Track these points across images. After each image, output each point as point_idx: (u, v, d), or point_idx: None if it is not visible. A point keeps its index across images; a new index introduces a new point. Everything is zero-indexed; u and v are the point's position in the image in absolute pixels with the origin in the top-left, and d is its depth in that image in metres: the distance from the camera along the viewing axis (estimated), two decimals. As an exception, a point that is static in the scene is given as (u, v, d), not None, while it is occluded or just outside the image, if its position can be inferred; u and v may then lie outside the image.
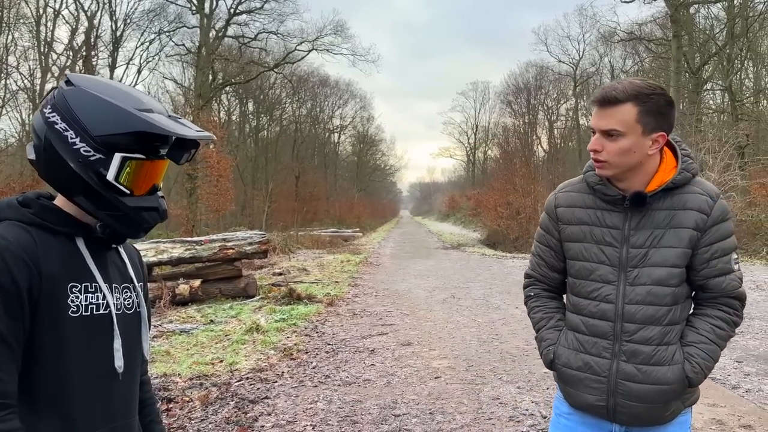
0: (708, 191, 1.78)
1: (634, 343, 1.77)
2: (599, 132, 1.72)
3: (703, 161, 19.02)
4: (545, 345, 1.93)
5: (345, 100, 55.05)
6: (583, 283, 1.84)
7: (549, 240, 1.94)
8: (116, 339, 1.31)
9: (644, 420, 1.81)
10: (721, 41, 26.11)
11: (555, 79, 45.76)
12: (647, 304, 1.75)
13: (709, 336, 1.78)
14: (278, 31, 33.69)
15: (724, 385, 5.17)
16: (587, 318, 1.83)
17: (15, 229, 1.22)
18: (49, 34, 28.25)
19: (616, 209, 1.80)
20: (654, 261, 1.75)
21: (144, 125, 1.24)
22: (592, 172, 1.83)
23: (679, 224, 1.75)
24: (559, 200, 1.91)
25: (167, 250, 9.76)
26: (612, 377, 1.79)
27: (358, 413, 4.62)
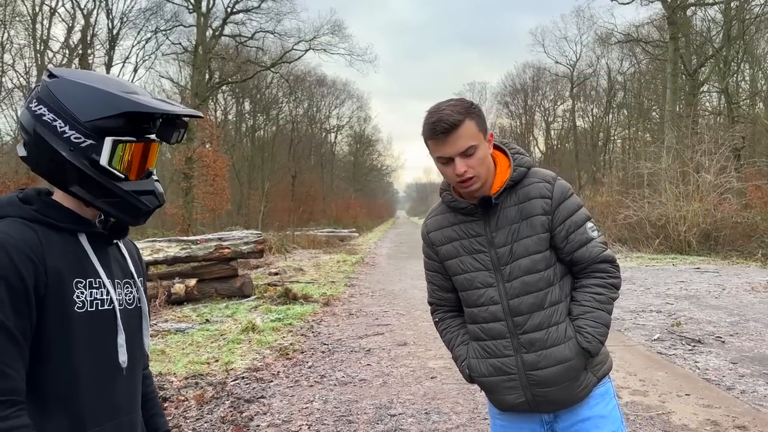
0: (544, 177, 1.90)
1: (527, 333, 1.86)
2: (458, 156, 1.78)
3: (699, 163, 19.08)
4: (459, 361, 2.01)
5: (342, 100, 55.01)
6: (469, 293, 1.93)
7: (433, 265, 2.04)
8: (120, 334, 1.31)
9: (564, 402, 1.88)
10: (717, 43, 26.19)
11: (552, 80, 45.83)
12: (525, 294, 1.85)
13: (591, 304, 1.88)
14: (275, 30, 33.63)
15: (719, 386, 5.18)
16: (483, 324, 1.92)
17: (18, 226, 1.22)
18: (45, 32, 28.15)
19: (474, 218, 1.91)
20: (519, 254, 1.86)
21: (131, 105, 1.24)
22: (446, 192, 1.97)
23: (528, 214, 1.86)
24: (428, 226, 2.03)
25: (163, 249, 9.74)
26: (521, 371, 1.87)
27: (353, 413, 4.61)
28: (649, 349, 6.44)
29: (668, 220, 18.36)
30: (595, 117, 42.83)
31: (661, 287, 10.86)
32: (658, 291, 10.46)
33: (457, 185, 1.86)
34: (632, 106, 37.73)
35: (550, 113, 47.71)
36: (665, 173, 20.01)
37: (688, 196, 18.65)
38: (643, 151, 24.31)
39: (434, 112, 1.81)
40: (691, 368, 5.73)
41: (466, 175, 1.80)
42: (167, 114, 1.29)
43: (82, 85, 1.26)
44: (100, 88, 1.25)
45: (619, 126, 40.86)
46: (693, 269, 13.80)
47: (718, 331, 7.26)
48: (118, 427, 1.31)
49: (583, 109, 43.69)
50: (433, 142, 1.81)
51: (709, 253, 17.07)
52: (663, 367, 5.71)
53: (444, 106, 1.81)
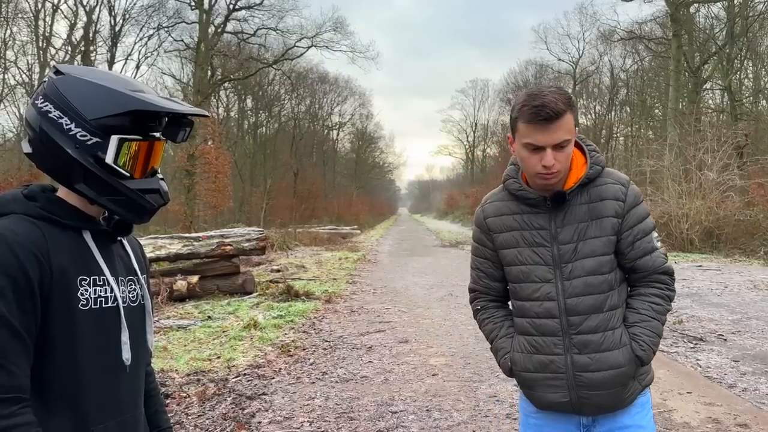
0: (619, 180, 1.88)
1: (582, 334, 1.83)
2: (552, 147, 1.73)
3: (702, 161, 19.04)
4: (501, 354, 1.97)
5: (344, 97, 54.97)
6: (523, 286, 1.89)
7: (484, 252, 1.99)
8: (124, 332, 1.31)
9: (607, 407, 1.86)
10: (720, 41, 26.12)
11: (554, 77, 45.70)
12: (586, 294, 1.82)
13: (649, 313, 1.87)
14: (277, 27, 33.62)
15: (720, 384, 5.18)
16: (534, 319, 1.88)
17: (23, 223, 1.21)
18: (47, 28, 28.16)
19: (540, 211, 1.87)
20: (584, 253, 1.83)
21: (138, 104, 1.24)
22: (512, 179, 1.92)
23: (599, 215, 1.84)
24: (486, 211, 1.97)
25: (165, 246, 9.75)
26: (569, 371, 1.84)
27: (355, 410, 4.62)
28: (650, 347, 6.43)
29: (671, 217, 18.33)
30: (598, 114, 42.75)
31: (663, 285, 10.84)
32: (660, 289, 10.43)
33: (536, 176, 1.80)
34: (635, 103, 37.65)
35: (553, 110, 47.58)
36: (668, 171, 19.97)
37: (690, 194, 18.62)
38: (646, 149, 24.28)
39: (537, 96, 1.73)
40: (692, 366, 5.73)
41: (553, 169, 1.75)
42: (174, 113, 1.29)
43: (88, 83, 1.26)
44: (107, 86, 1.25)
45: (622, 123, 40.78)
46: (695, 267, 13.78)
47: (720, 329, 7.26)
48: (122, 424, 1.31)
49: (586, 106, 43.60)
50: (530, 126, 1.73)
51: (712, 251, 17.04)
52: (664, 365, 5.71)
53: (547, 91, 1.74)
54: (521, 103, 1.75)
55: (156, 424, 1.52)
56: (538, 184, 1.83)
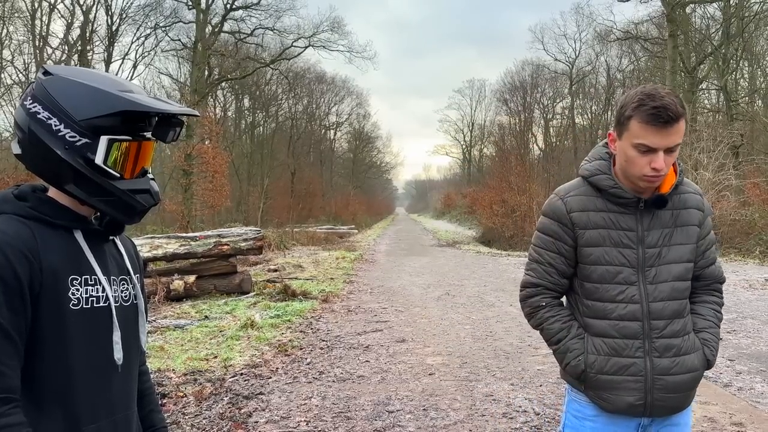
0: (697, 190, 1.94)
1: (665, 338, 1.85)
2: (665, 150, 1.72)
3: (698, 160, 19.09)
4: (573, 355, 1.91)
5: (341, 97, 54.96)
6: (606, 287, 1.86)
7: (560, 247, 1.91)
8: (116, 331, 1.31)
9: (677, 408, 1.90)
10: (716, 41, 26.18)
11: (551, 77, 45.78)
12: (672, 299, 1.85)
13: (713, 320, 1.94)
14: (274, 27, 33.55)
15: (716, 383, 5.20)
16: (616, 321, 1.85)
17: (13, 223, 1.21)
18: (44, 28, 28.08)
19: (627, 211, 1.84)
20: (670, 258, 1.84)
21: (127, 104, 1.24)
22: (604, 176, 1.86)
23: (685, 222, 1.87)
24: (570, 205, 1.89)
25: (162, 245, 9.74)
26: (648, 375, 1.84)
27: (352, 409, 4.63)
28: (646, 346, 6.46)
29: (667, 217, 18.37)
30: (594, 114, 42.82)
31: (660, 284, 10.87)
32: (656, 288, 10.46)
33: (641, 178, 1.77)
34: (631, 103, 37.65)
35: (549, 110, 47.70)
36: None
37: (686, 194, 18.64)
38: (642, 149, 24.28)
39: (656, 97, 1.70)
40: (688, 365, 5.74)
41: (662, 172, 1.74)
42: (163, 113, 1.29)
43: (77, 83, 1.26)
44: (95, 87, 1.25)
45: (619, 123, 40.79)
46: (691, 267, 13.81)
47: (715, 328, 7.28)
48: (114, 424, 1.31)
49: (582, 106, 43.70)
50: (647, 127, 1.70)
51: (708, 250, 17.07)
52: (660, 364, 5.73)
53: (664, 93, 1.72)
54: (637, 102, 1.71)
55: (150, 423, 1.52)
56: (639, 185, 1.81)
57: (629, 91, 1.83)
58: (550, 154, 40.23)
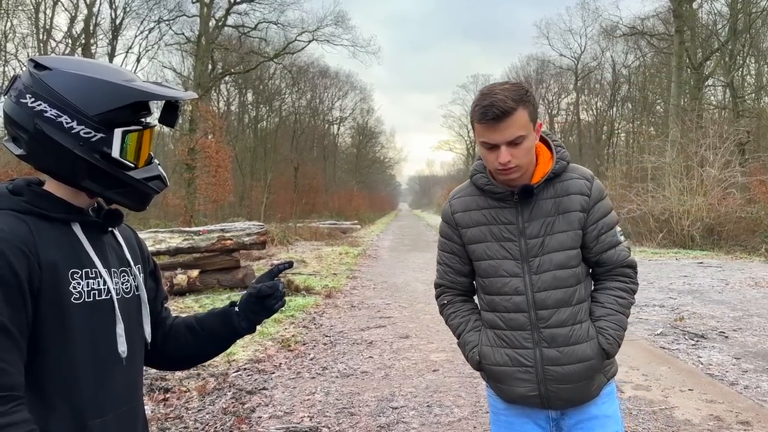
0: (584, 175, 1.91)
1: (551, 328, 1.85)
2: (505, 145, 1.74)
3: (704, 157, 18.99)
4: (469, 348, 1.98)
5: (345, 92, 54.86)
6: (492, 280, 1.91)
7: (452, 246, 2.00)
8: (119, 324, 1.30)
9: (576, 400, 1.89)
10: (723, 37, 26.03)
11: (556, 73, 45.64)
12: (554, 288, 1.85)
13: (614, 307, 1.91)
14: (278, 20, 33.49)
15: (722, 381, 5.16)
16: (503, 313, 1.89)
17: (9, 218, 1.19)
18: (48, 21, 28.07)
19: (507, 205, 1.89)
20: (551, 247, 1.85)
21: (141, 95, 1.23)
22: (479, 174, 1.92)
23: (566, 209, 1.86)
24: (454, 206, 1.97)
25: (165, 240, 9.73)
26: (538, 365, 1.86)
27: (355, 405, 4.60)
28: (651, 344, 6.42)
29: (672, 214, 18.31)
30: (599, 110, 42.67)
31: (664, 282, 10.84)
32: (661, 285, 10.43)
33: (496, 172, 1.83)
34: (637, 99, 37.56)
35: (554, 106, 47.58)
36: (669, 167, 19.94)
37: (692, 191, 18.59)
38: (647, 145, 24.21)
39: (487, 95, 1.75)
40: (694, 363, 5.71)
41: (509, 165, 1.77)
42: (174, 99, 1.28)
43: (83, 77, 1.22)
44: (103, 79, 1.22)
45: (624, 119, 40.69)
46: (696, 264, 13.76)
47: (721, 326, 7.24)
48: (120, 417, 1.30)
49: (587, 102, 43.52)
50: (481, 126, 1.76)
51: (713, 247, 17.02)
52: (666, 362, 5.70)
53: (498, 89, 1.75)
54: (474, 103, 1.77)
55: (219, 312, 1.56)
56: (500, 179, 1.86)
57: None
58: (555, 150, 40.00)
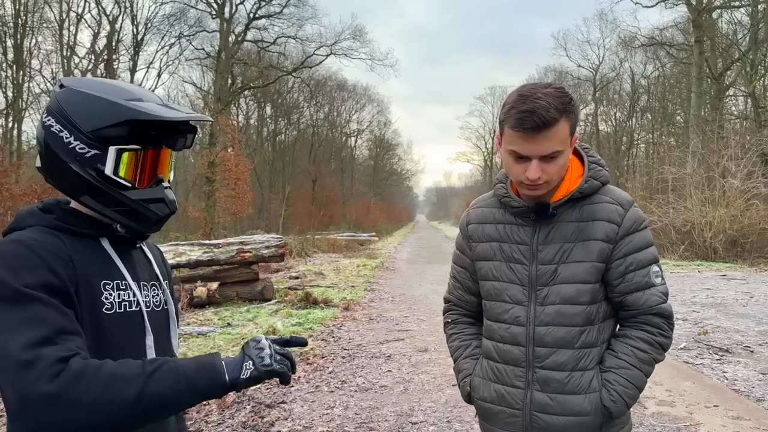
0: (619, 200, 1.64)
1: (546, 369, 1.62)
2: (538, 158, 1.52)
3: (726, 168, 18.74)
4: (462, 376, 1.78)
5: (362, 105, 55.14)
6: (494, 304, 1.70)
7: (463, 260, 1.80)
8: (148, 335, 1.31)
9: None
10: (744, 46, 25.73)
11: (574, 84, 45.37)
12: (556, 324, 1.61)
13: (629, 360, 1.62)
14: (297, 35, 33.87)
15: (748, 397, 5.05)
16: (499, 343, 1.68)
17: (41, 233, 1.22)
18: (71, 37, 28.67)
19: (524, 223, 1.67)
20: (564, 277, 1.61)
21: (131, 113, 1.22)
22: (500, 184, 1.73)
23: (587, 236, 1.61)
24: (470, 217, 1.79)
25: (185, 252, 9.82)
26: (526, 409, 1.64)
27: (374, 420, 4.58)
28: (675, 359, 6.31)
29: (693, 226, 18.06)
30: (618, 121, 42.33)
31: (687, 295, 10.67)
32: (684, 299, 10.27)
33: (520, 185, 1.61)
34: (656, 110, 37.22)
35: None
36: (690, 178, 19.70)
37: (714, 202, 18.33)
38: (668, 156, 23.97)
39: (528, 98, 1.51)
40: (719, 378, 5.60)
41: (539, 181, 1.55)
42: (165, 120, 1.26)
43: (84, 94, 1.25)
44: (101, 97, 1.24)
45: (643, 130, 40.32)
46: (719, 276, 13.54)
47: (746, 340, 7.10)
48: (150, 430, 1.28)
49: (606, 113, 43.20)
50: (515, 133, 1.52)
51: (736, 260, 16.73)
52: (690, 377, 5.59)
53: (541, 93, 1.51)
54: (510, 104, 1.54)
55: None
56: (523, 194, 1.64)
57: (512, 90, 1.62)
58: (573, 162, 39.73)
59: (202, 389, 1.13)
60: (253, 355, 1.20)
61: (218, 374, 1.15)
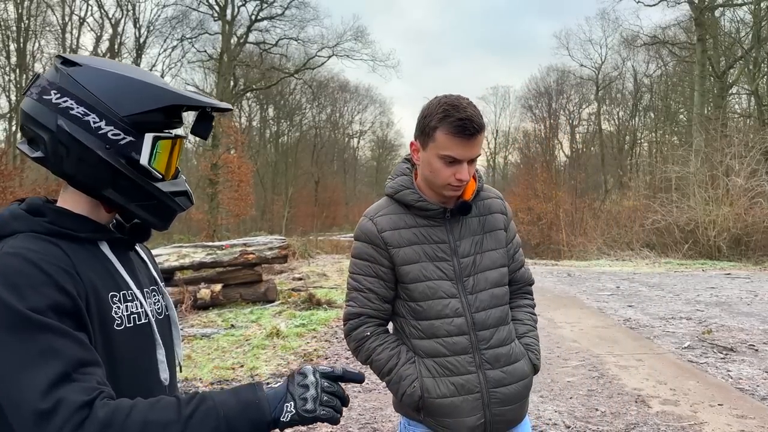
0: (497, 194, 1.94)
1: (492, 348, 1.79)
2: (468, 161, 1.71)
3: (729, 166, 18.70)
4: (408, 382, 1.78)
5: (364, 106, 55.17)
6: (431, 303, 1.77)
7: (377, 270, 1.81)
8: (159, 349, 1.20)
9: (514, 421, 1.84)
10: (747, 44, 25.69)
11: (577, 83, 45.32)
12: (493, 307, 1.80)
13: (531, 324, 1.93)
14: (299, 37, 33.98)
15: (753, 396, 5.04)
16: (445, 338, 1.76)
17: (37, 241, 1.05)
18: (74, 41, 28.81)
19: (436, 223, 1.81)
20: (484, 266, 1.81)
21: (177, 98, 1.12)
22: (408, 190, 1.81)
23: (492, 228, 1.86)
24: (380, 225, 1.81)
25: (189, 254, 9.84)
26: (483, 389, 1.77)
27: (378, 420, 4.59)
28: (679, 357, 6.30)
29: (697, 224, 18.03)
30: (621, 120, 42.28)
31: (691, 293, 10.64)
32: (688, 297, 10.25)
33: (445, 187, 1.74)
34: (659, 108, 37.18)
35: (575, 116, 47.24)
36: (694, 177, 19.67)
37: (717, 201, 18.29)
38: (671, 155, 23.94)
39: (460, 108, 1.67)
40: (723, 377, 5.59)
41: (465, 182, 1.73)
42: (213, 107, 1.16)
43: (115, 75, 1.12)
44: (138, 79, 1.12)
45: (646, 129, 40.27)
46: (723, 275, 13.50)
47: (750, 339, 7.08)
48: None
49: (609, 112, 43.14)
50: (454, 139, 1.67)
51: (740, 258, 16.69)
52: (694, 376, 5.58)
53: (466, 104, 1.69)
54: (442, 113, 1.67)
55: None
56: (445, 195, 1.77)
57: (432, 100, 1.76)
58: (577, 161, 39.80)
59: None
60: (296, 395, 1.04)
61: (262, 413, 1.01)
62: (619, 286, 12.09)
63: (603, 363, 6.09)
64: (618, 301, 10.03)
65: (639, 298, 10.40)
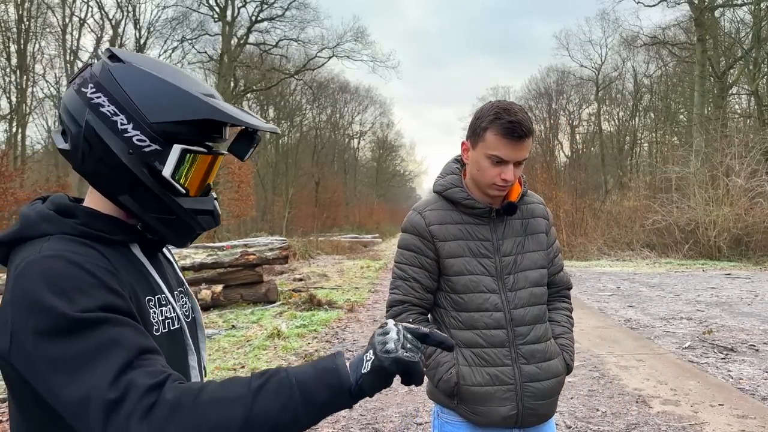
0: (540, 200, 2.05)
1: (529, 344, 1.87)
2: (514, 163, 1.80)
3: (729, 167, 18.70)
4: (445, 369, 1.86)
5: (365, 106, 55.24)
6: (472, 296, 1.87)
7: (423, 261, 1.91)
8: (191, 354, 1.15)
9: (545, 417, 1.92)
10: (747, 45, 25.70)
11: (577, 83, 45.36)
12: (532, 305, 1.89)
13: (567, 326, 2.02)
14: (299, 38, 34.05)
15: (753, 396, 5.05)
16: (483, 330, 1.86)
17: (72, 244, 1.00)
18: (74, 42, 28.85)
19: (481, 222, 1.91)
20: (525, 265, 1.91)
21: (214, 112, 1.04)
22: (457, 188, 1.92)
23: (534, 230, 1.96)
24: (428, 218, 1.92)
25: (190, 255, 9.85)
26: (518, 382, 1.86)
27: (380, 421, 4.59)
28: (680, 358, 6.31)
29: (697, 225, 18.04)
30: (621, 120, 42.29)
31: (691, 294, 10.65)
32: (688, 298, 10.25)
33: (491, 187, 1.84)
34: (659, 109, 37.19)
35: (575, 117, 47.25)
36: (694, 177, 19.68)
37: (717, 201, 18.30)
38: (671, 155, 23.95)
39: (511, 112, 1.77)
40: (724, 377, 5.59)
41: (510, 183, 1.82)
42: (252, 127, 1.08)
43: (154, 77, 1.04)
44: (177, 86, 1.04)
45: (646, 129, 40.28)
46: (724, 275, 13.51)
47: (751, 339, 7.09)
48: None
49: (609, 112, 43.17)
50: (502, 141, 1.77)
51: (741, 258, 16.70)
52: (695, 376, 5.59)
53: (517, 109, 1.80)
54: (494, 115, 1.78)
55: None
56: (490, 194, 1.87)
57: (485, 104, 1.88)
58: (577, 161, 39.79)
59: (324, 400, 0.92)
60: (375, 342, 0.96)
61: (340, 378, 0.93)
62: (620, 286, 12.10)
63: (604, 363, 6.10)
64: (618, 302, 10.03)
65: (639, 298, 10.41)
